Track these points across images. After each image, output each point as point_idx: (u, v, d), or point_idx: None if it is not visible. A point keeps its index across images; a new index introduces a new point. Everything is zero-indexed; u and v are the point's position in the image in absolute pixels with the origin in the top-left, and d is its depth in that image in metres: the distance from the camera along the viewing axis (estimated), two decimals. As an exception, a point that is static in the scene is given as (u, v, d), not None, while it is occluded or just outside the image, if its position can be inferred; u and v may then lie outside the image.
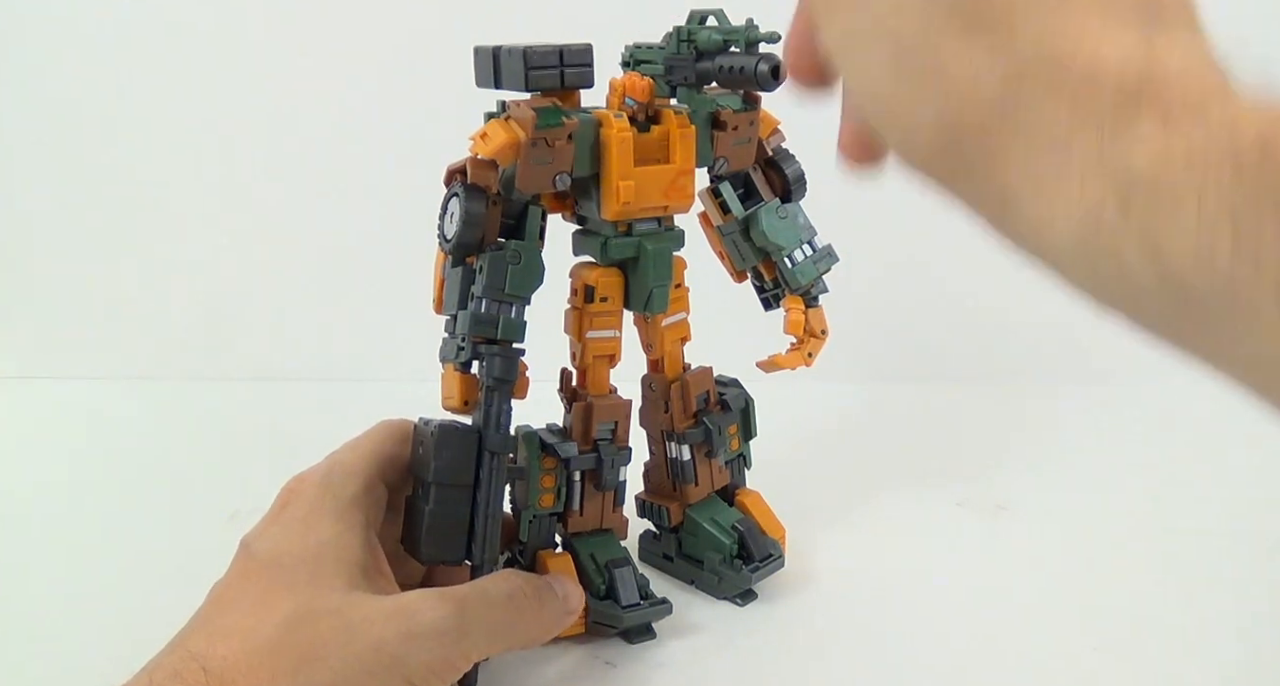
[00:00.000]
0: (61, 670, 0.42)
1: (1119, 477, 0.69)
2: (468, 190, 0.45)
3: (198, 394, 0.82)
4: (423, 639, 0.39)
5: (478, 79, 0.47)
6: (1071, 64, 0.26)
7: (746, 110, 0.49)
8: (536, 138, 0.44)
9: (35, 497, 0.66)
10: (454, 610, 0.41)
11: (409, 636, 0.39)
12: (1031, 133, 0.26)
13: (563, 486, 0.50)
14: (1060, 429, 0.77)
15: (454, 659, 0.41)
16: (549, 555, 0.51)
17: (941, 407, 0.82)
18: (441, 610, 0.40)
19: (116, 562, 0.57)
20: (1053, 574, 0.56)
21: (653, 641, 0.51)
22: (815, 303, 0.52)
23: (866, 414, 0.79)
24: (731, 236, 0.51)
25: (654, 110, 0.47)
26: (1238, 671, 0.49)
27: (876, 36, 0.28)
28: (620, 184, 0.46)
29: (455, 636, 0.40)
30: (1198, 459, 0.72)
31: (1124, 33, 0.26)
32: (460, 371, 0.47)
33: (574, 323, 0.50)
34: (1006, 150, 0.27)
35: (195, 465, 0.70)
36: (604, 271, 0.49)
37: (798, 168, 0.51)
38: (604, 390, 0.51)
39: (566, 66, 0.45)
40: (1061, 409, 0.81)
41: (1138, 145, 0.24)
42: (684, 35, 0.46)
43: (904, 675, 0.48)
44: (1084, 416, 0.80)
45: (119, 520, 0.62)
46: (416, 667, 0.39)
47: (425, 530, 0.45)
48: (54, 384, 0.84)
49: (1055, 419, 0.79)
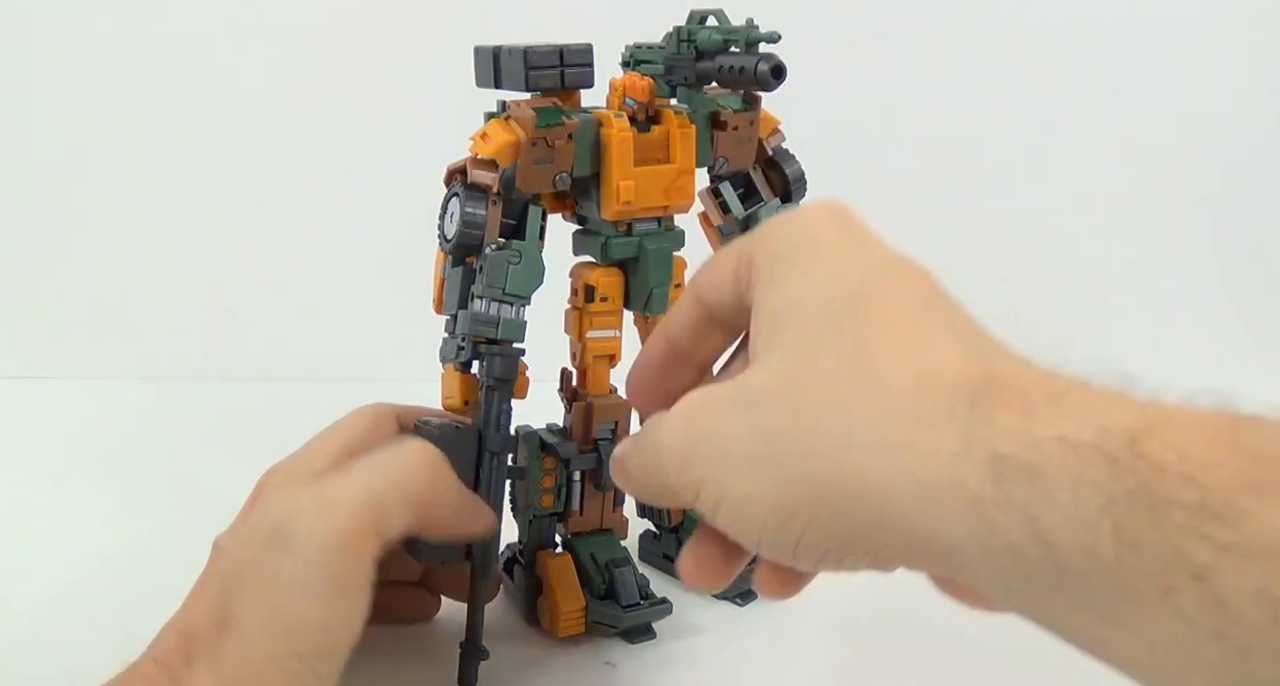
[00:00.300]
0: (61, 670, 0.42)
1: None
2: (468, 190, 0.45)
3: (198, 394, 0.82)
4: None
5: (478, 79, 0.47)
6: (915, 384, 0.28)
7: (746, 110, 0.49)
8: (536, 137, 0.44)
9: (35, 497, 0.66)
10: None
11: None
12: (899, 454, 0.28)
13: (563, 486, 0.50)
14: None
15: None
16: (549, 555, 0.51)
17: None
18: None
19: (116, 563, 0.57)
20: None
21: (653, 641, 0.51)
22: (815, 302, 0.52)
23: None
24: (731, 236, 0.51)
25: (654, 110, 0.47)
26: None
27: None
28: (620, 184, 0.46)
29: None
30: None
31: (953, 351, 0.29)
32: (460, 371, 0.47)
33: (574, 323, 0.50)
34: (885, 477, 0.28)
35: (195, 465, 0.70)
36: (604, 271, 0.49)
37: (798, 168, 0.51)
38: (604, 390, 0.51)
39: (566, 66, 0.45)
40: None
41: (1001, 434, 0.26)
42: (684, 35, 0.46)
43: (904, 674, 0.48)
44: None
45: (119, 520, 0.62)
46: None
47: (426, 530, 0.45)
48: (54, 384, 0.84)
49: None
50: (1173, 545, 0.23)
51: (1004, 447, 0.26)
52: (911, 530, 0.28)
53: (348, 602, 0.37)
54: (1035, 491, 0.25)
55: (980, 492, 0.26)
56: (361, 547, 0.37)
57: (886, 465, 0.28)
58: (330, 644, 0.37)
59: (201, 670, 0.36)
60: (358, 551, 0.37)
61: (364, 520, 0.37)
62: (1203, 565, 0.23)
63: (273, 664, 0.36)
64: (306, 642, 0.36)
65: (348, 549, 0.37)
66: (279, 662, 0.36)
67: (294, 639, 0.36)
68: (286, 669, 0.36)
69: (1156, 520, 0.23)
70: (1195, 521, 0.23)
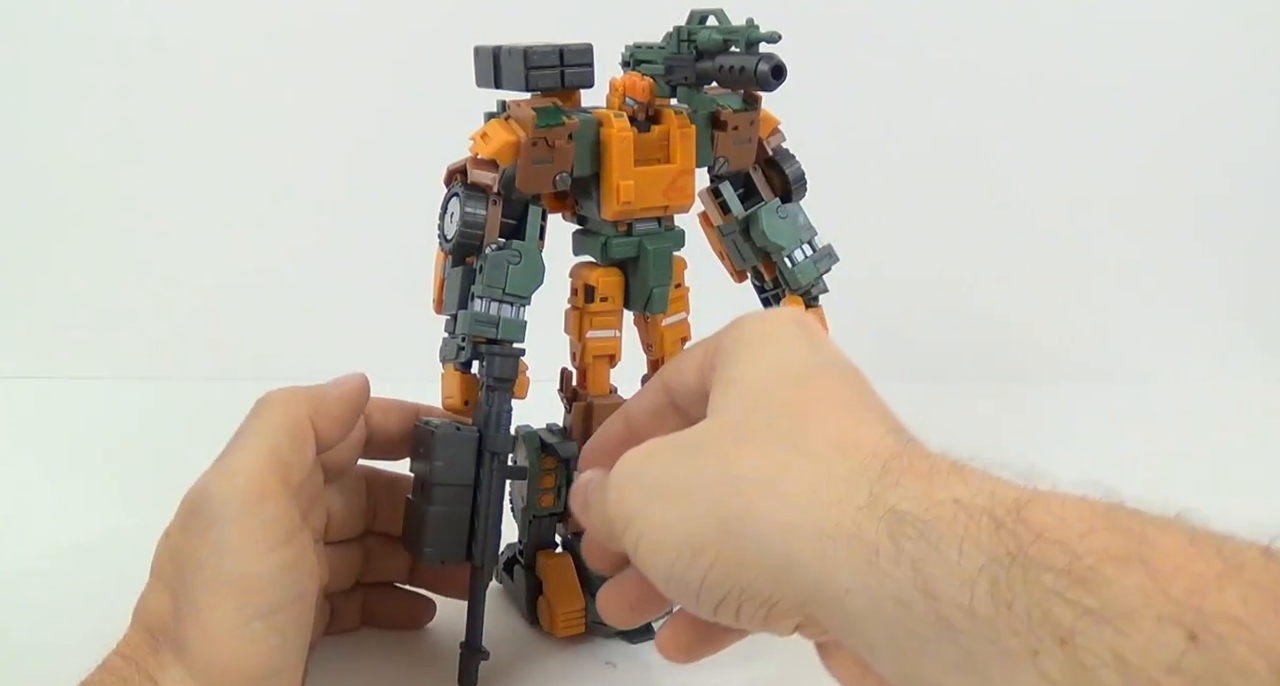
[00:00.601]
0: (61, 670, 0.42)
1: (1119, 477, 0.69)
2: (467, 190, 0.45)
3: (198, 394, 0.82)
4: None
5: (478, 79, 0.47)
6: (836, 447, 0.31)
7: (747, 110, 0.49)
8: (537, 137, 0.44)
9: (34, 498, 0.66)
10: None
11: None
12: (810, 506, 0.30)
13: (563, 486, 0.50)
14: (1060, 429, 0.77)
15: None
16: (549, 555, 0.51)
17: (942, 407, 0.81)
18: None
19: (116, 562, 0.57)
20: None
21: (652, 641, 0.51)
22: (815, 303, 0.52)
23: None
24: (731, 236, 0.51)
25: (654, 110, 0.47)
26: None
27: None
28: (620, 184, 0.46)
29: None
30: (1198, 458, 0.72)
31: (877, 428, 0.32)
32: (460, 371, 0.47)
33: (574, 323, 0.50)
34: (790, 522, 0.30)
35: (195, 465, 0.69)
36: (604, 271, 0.49)
37: (798, 168, 0.51)
38: (604, 390, 0.51)
39: (566, 66, 0.45)
40: (1062, 409, 0.81)
41: (905, 494, 0.28)
42: (684, 35, 0.46)
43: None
44: (1084, 416, 0.80)
45: (118, 520, 0.62)
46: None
47: (427, 530, 0.45)
48: (54, 384, 0.84)
49: (1055, 419, 0.79)
50: (1041, 607, 0.24)
51: (904, 505, 0.28)
52: (809, 577, 0.29)
53: (283, 551, 0.39)
54: (925, 547, 0.27)
55: (877, 544, 0.28)
56: (274, 497, 0.39)
57: (794, 511, 0.30)
58: (281, 596, 0.38)
59: (171, 661, 0.37)
60: (273, 501, 0.39)
61: (264, 472, 0.40)
62: (1067, 628, 0.24)
63: (234, 632, 0.37)
64: (259, 600, 0.38)
65: (263, 501, 0.39)
66: (240, 630, 0.37)
67: (246, 601, 0.38)
68: (248, 634, 0.37)
69: (1029, 582, 0.25)
70: (1062, 585, 0.24)
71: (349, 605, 0.50)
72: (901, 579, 0.27)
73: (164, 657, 0.38)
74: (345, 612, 0.50)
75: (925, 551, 0.27)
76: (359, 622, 0.51)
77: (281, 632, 0.38)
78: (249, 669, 0.37)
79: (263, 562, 0.38)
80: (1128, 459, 0.72)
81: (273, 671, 0.38)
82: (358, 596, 0.50)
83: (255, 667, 0.37)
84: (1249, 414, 0.80)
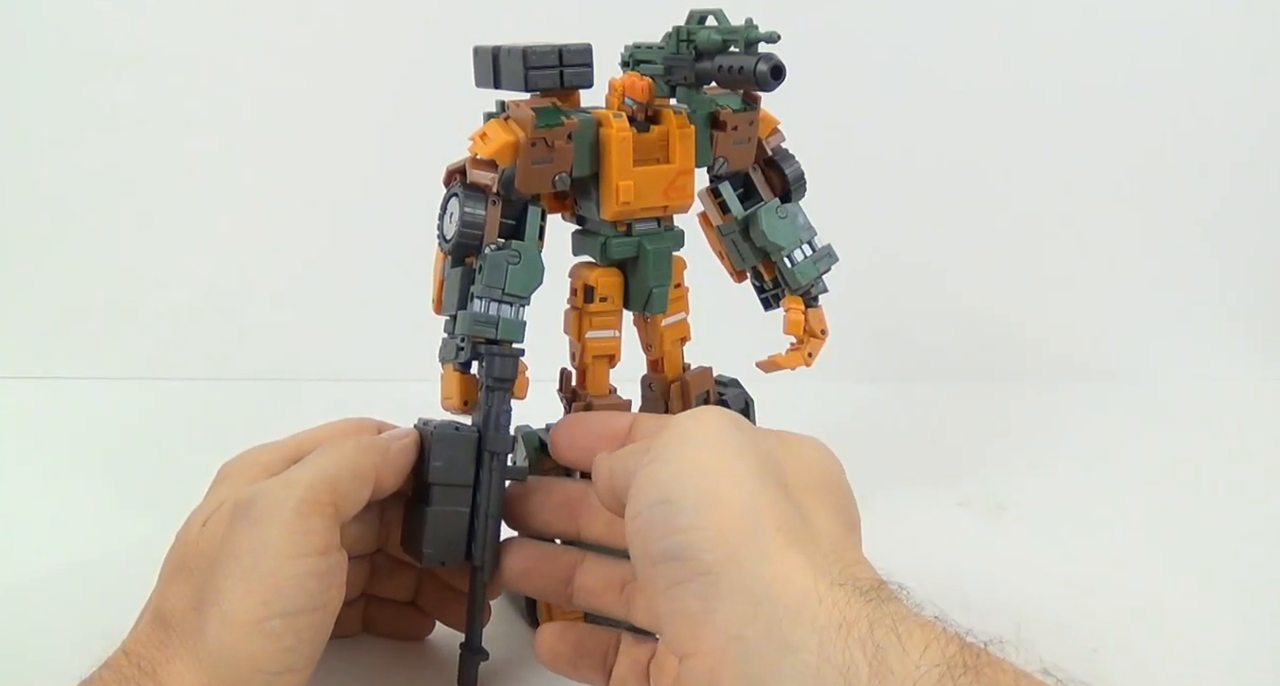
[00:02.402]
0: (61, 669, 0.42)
1: (1119, 477, 0.69)
2: (467, 190, 0.45)
3: (198, 394, 0.82)
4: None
5: (477, 79, 0.47)
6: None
7: (746, 110, 0.49)
8: (536, 138, 0.44)
9: (34, 498, 0.66)
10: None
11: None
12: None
13: (562, 486, 0.50)
14: (1060, 429, 0.77)
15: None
16: (549, 555, 0.51)
17: (941, 407, 0.82)
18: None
19: (116, 562, 0.57)
20: (1053, 574, 0.56)
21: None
22: (815, 303, 0.52)
23: (867, 414, 0.79)
24: (731, 236, 0.51)
25: (654, 110, 0.47)
26: (1240, 669, 0.49)
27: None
28: (620, 184, 0.46)
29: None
30: (1198, 457, 0.72)
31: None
32: (460, 371, 0.47)
33: (574, 323, 0.50)
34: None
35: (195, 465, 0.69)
36: (604, 271, 0.49)
37: (797, 168, 0.51)
38: (604, 390, 0.51)
39: (566, 66, 0.45)
40: (1061, 409, 0.81)
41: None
42: (684, 35, 0.46)
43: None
44: (1084, 416, 0.80)
45: (118, 520, 0.62)
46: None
47: (426, 530, 0.45)
48: (54, 384, 0.84)
49: (1055, 419, 0.79)
50: None
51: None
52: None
53: (318, 560, 0.40)
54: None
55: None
56: (322, 513, 0.41)
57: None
58: (306, 601, 0.39)
59: (180, 652, 0.38)
60: (320, 515, 0.41)
61: (320, 490, 0.41)
62: None
63: (255, 627, 0.38)
64: (284, 600, 0.39)
65: (311, 514, 0.40)
66: (260, 625, 0.38)
67: (274, 598, 0.38)
68: (267, 630, 0.38)
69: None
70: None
71: (351, 612, 0.50)
72: (857, 646, 0.32)
73: (172, 650, 0.38)
74: (347, 619, 0.50)
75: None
76: (360, 629, 0.51)
77: (298, 634, 0.39)
78: (259, 663, 0.38)
79: (297, 565, 0.39)
80: (1128, 459, 0.72)
81: (281, 670, 0.39)
82: (360, 604, 0.50)
83: (266, 663, 0.38)
84: (1249, 414, 0.81)
